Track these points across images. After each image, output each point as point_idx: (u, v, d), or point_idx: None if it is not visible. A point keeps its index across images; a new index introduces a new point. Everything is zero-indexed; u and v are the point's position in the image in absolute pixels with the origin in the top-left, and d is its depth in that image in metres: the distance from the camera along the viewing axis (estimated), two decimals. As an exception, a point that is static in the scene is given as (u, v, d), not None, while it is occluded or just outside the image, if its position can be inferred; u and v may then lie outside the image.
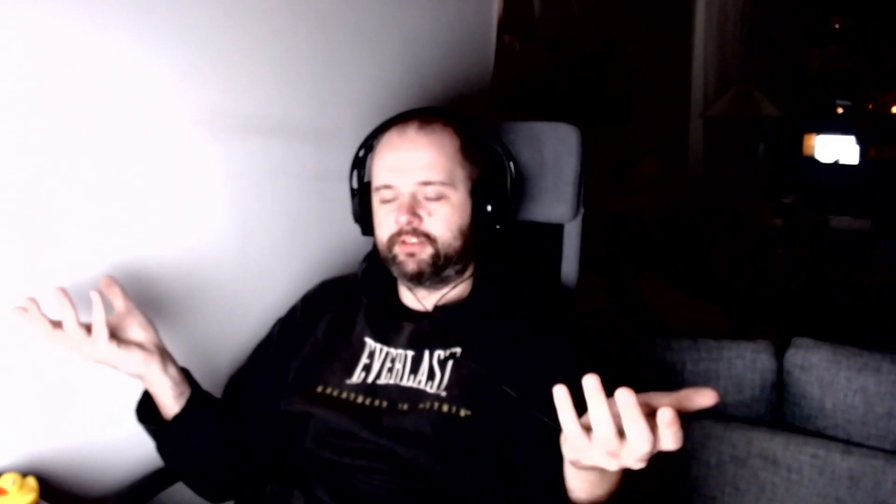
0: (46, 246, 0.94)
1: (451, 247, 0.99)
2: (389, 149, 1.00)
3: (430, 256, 0.98)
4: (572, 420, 0.62)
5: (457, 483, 0.90)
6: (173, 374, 0.95)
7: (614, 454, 0.61)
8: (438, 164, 0.97)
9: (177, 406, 0.96)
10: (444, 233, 0.98)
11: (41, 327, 0.87)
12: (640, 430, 0.58)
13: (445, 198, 0.98)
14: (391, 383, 0.98)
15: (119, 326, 0.92)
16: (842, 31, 5.54)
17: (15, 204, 0.90)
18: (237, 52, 1.15)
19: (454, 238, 0.99)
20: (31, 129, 0.90)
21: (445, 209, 0.98)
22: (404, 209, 0.97)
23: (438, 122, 1.01)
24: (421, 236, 0.97)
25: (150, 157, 1.05)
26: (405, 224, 0.97)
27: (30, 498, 0.87)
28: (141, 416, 0.97)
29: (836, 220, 4.06)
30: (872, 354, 1.16)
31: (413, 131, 0.99)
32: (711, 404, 0.61)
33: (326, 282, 1.16)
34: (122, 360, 0.90)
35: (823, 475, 1.15)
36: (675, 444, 0.58)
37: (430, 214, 0.98)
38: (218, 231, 1.17)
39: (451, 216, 0.98)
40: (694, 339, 1.28)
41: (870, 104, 5.62)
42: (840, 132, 5.54)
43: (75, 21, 0.92)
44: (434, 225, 0.98)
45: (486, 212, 1.01)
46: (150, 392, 0.96)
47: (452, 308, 1.03)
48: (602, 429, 0.60)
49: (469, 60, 1.74)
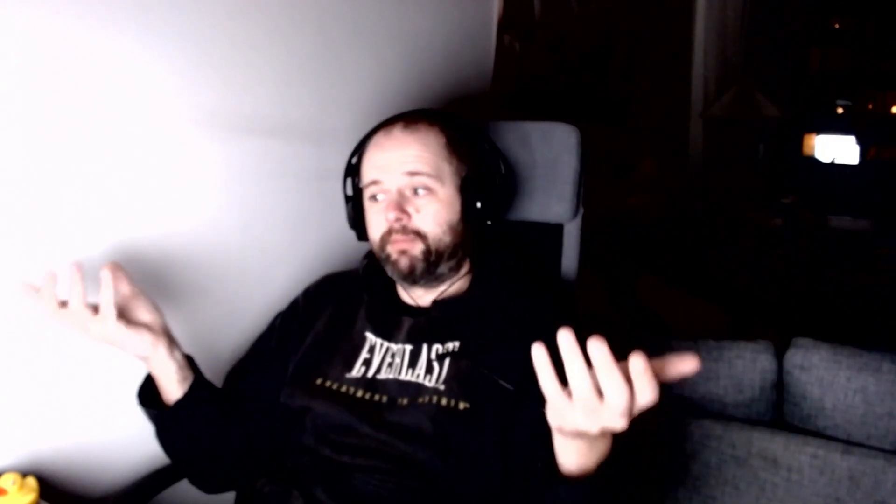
0: (49, 246, 0.94)
1: (441, 242, 0.99)
2: (376, 149, 1.02)
3: (422, 252, 0.98)
4: (552, 380, 0.63)
5: (456, 478, 0.91)
6: (178, 358, 0.95)
7: (594, 412, 0.61)
8: (424, 157, 0.99)
9: (180, 391, 0.95)
10: (433, 228, 0.99)
11: (49, 306, 0.86)
12: (614, 381, 0.59)
13: (433, 192, 0.99)
14: (391, 378, 0.98)
15: (126, 308, 0.92)
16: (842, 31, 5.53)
17: (16, 203, 0.90)
18: (237, 52, 1.15)
19: (444, 233, 0.99)
20: (31, 130, 0.90)
21: (433, 205, 0.99)
22: (392, 206, 0.98)
23: (423, 121, 1.03)
24: (410, 233, 0.98)
25: (151, 156, 1.05)
26: (394, 221, 0.98)
27: (30, 498, 0.87)
28: (142, 400, 0.96)
29: (836, 220, 4.05)
30: (872, 354, 1.16)
31: (398, 130, 1.01)
32: (692, 371, 0.62)
33: (328, 276, 1.17)
34: (130, 340, 0.90)
35: (823, 475, 1.15)
36: (652, 394, 0.59)
37: (417, 211, 0.99)
38: (219, 229, 1.17)
39: (439, 211, 0.99)
40: (694, 339, 1.28)
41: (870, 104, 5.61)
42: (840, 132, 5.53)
43: (75, 21, 0.92)
44: (422, 221, 0.99)
45: (475, 207, 1.01)
46: (153, 376, 0.96)
47: (451, 302, 1.03)
48: (579, 384, 0.61)
49: (469, 60, 1.74)
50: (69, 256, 0.96)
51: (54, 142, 0.93)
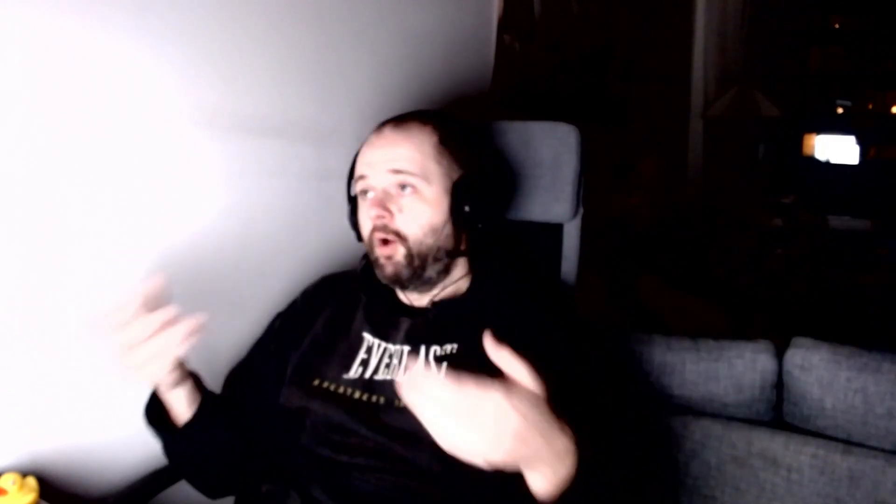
0: (47, 245, 0.94)
1: (422, 244, 0.98)
2: (367, 147, 1.03)
3: (404, 257, 0.98)
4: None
5: (454, 480, 0.90)
6: (188, 382, 0.95)
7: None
8: (410, 156, 0.98)
9: (189, 412, 0.95)
10: (414, 231, 0.98)
11: (133, 316, 0.83)
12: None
13: (418, 192, 0.98)
14: (388, 379, 0.98)
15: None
16: (842, 31, 5.53)
17: (16, 203, 0.90)
18: (237, 52, 1.15)
19: (425, 235, 0.98)
20: (31, 130, 0.90)
21: (417, 205, 0.98)
22: (375, 202, 0.98)
23: (415, 120, 1.03)
24: (391, 234, 0.98)
25: (151, 156, 1.05)
26: (375, 218, 0.98)
27: (30, 498, 0.87)
28: (149, 419, 0.96)
29: (836, 220, 4.05)
30: (872, 354, 1.16)
31: (389, 129, 1.01)
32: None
33: (327, 276, 1.16)
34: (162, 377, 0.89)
35: (823, 475, 1.15)
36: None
37: (400, 210, 0.98)
38: (219, 230, 1.17)
39: (421, 212, 0.98)
40: (694, 339, 1.28)
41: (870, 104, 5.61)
42: (840, 132, 5.54)
43: (75, 21, 0.92)
44: (404, 221, 0.98)
45: (462, 210, 1.00)
46: (160, 396, 0.95)
47: (450, 303, 1.03)
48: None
49: (469, 60, 1.74)
50: (67, 256, 0.96)
51: (54, 142, 0.93)
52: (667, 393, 1.26)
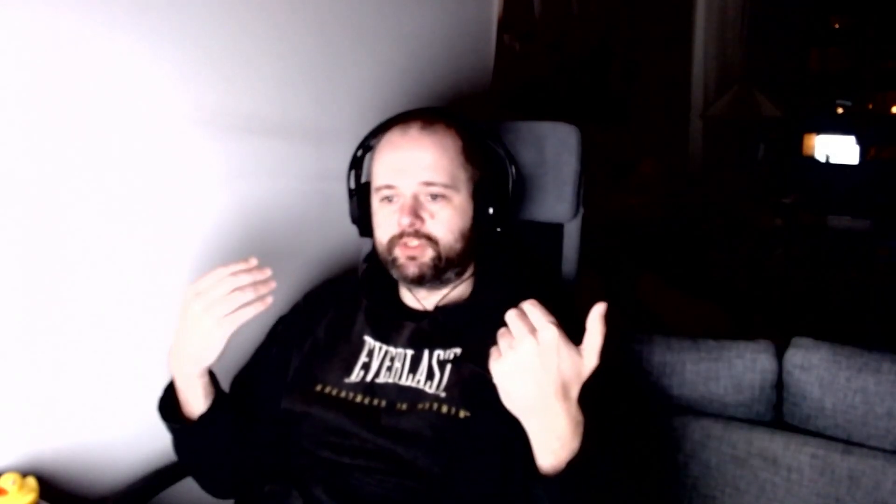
0: (46, 245, 0.94)
1: (452, 249, 0.98)
2: (391, 148, 1.00)
3: (432, 259, 0.97)
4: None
5: (455, 484, 0.90)
6: (206, 377, 0.95)
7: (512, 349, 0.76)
8: (441, 165, 0.97)
9: (204, 405, 0.95)
10: (445, 235, 0.98)
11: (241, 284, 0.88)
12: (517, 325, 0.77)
13: (447, 200, 0.98)
14: (390, 382, 0.97)
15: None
16: (842, 31, 5.53)
17: (15, 203, 0.90)
18: (237, 52, 1.15)
19: (455, 240, 0.98)
20: (31, 130, 0.90)
21: (447, 211, 0.98)
22: (406, 210, 0.96)
23: (441, 122, 1.01)
24: (422, 238, 0.97)
25: (151, 157, 1.05)
26: (407, 226, 0.96)
27: (30, 498, 0.88)
28: (162, 412, 0.96)
29: (836, 220, 4.05)
30: (872, 354, 1.16)
31: (416, 131, 0.99)
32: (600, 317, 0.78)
33: (329, 280, 1.16)
34: (212, 345, 0.89)
35: (823, 475, 1.15)
36: (549, 331, 0.76)
37: (432, 216, 0.97)
38: (218, 230, 1.17)
39: (452, 218, 0.98)
40: (694, 339, 1.28)
41: (870, 104, 5.62)
42: (840, 132, 5.54)
43: (75, 21, 0.92)
44: (436, 227, 0.97)
45: (487, 215, 1.00)
46: (177, 388, 0.95)
47: (453, 308, 1.02)
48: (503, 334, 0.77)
49: (469, 60, 1.74)
50: (67, 255, 0.96)
51: (54, 142, 0.93)
52: (667, 393, 1.26)
